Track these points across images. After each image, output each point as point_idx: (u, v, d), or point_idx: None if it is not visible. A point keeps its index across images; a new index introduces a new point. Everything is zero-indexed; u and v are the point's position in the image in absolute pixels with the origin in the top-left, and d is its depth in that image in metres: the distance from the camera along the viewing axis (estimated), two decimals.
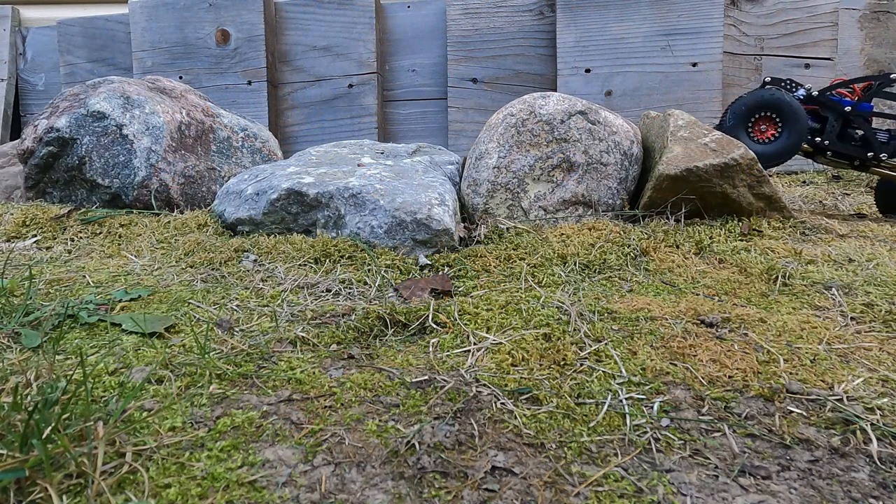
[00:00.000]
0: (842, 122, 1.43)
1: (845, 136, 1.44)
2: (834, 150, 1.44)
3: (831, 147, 1.43)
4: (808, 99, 1.45)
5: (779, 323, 0.87)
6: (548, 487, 0.55)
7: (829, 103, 1.44)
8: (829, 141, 1.43)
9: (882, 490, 0.55)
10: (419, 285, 1.05)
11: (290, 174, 1.36)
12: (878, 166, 1.44)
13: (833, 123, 1.43)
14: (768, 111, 1.40)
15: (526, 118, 1.40)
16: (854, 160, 1.44)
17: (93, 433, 0.56)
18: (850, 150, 1.43)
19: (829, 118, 1.43)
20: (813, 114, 1.47)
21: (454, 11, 2.27)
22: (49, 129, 1.55)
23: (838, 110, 1.42)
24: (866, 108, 1.43)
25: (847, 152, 1.43)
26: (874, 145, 1.41)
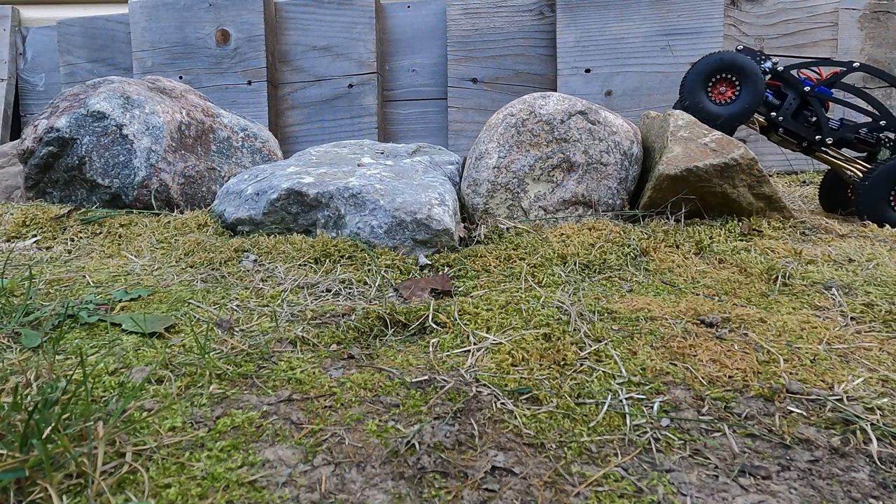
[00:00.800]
0: (799, 101, 1.45)
1: (800, 116, 1.47)
2: (786, 127, 1.46)
3: (784, 124, 1.45)
4: (774, 73, 1.47)
5: (779, 323, 0.87)
6: (548, 487, 0.55)
7: (791, 80, 1.46)
8: (783, 117, 1.45)
9: (882, 490, 0.55)
10: (419, 285, 1.05)
11: (290, 174, 1.36)
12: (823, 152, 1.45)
13: (791, 101, 1.45)
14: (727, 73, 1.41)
15: (526, 118, 1.40)
16: (802, 141, 1.46)
17: (93, 433, 0.56)
18: (801, 130, 1.45)
19: (789, 95, 1.46)
20: (775, 89, 1.49)
21: (454, 11, 2.27)
22: (49, 129, 1.55)
23: (798, 89, 1.44)
24: (825, 92, 1.45)
25: (797, 131, 1.45)
26: (823, 129, 1.43)
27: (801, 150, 1.49)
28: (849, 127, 1.45)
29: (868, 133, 1.46)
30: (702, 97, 1.42)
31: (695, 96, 1.42)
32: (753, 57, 1.47)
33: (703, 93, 1.42)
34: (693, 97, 1.42)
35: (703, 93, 1.42)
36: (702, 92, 1.42)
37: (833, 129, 1.44)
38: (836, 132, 1.44)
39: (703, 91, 1.43)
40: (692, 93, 1.43)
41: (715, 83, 1.42)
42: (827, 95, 1.45)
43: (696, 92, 1.42)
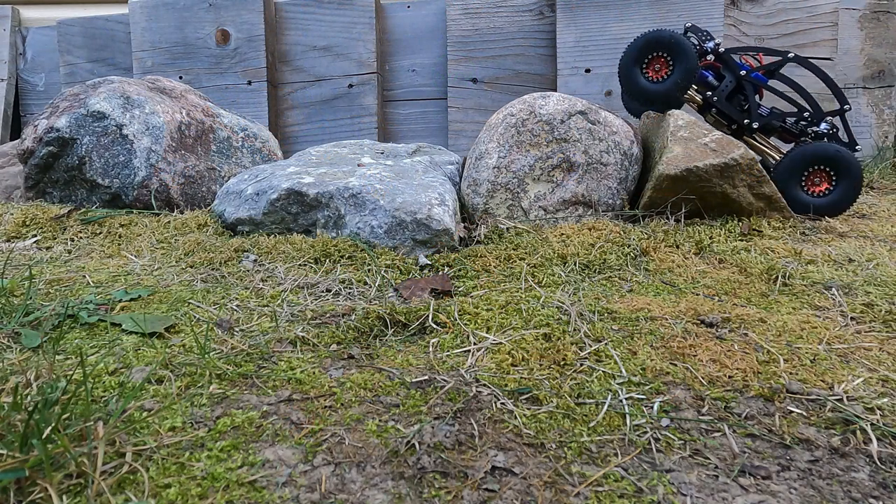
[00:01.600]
0: (735, 84, 1.48)
1: (733, 99, 1.50)
2: (719, 108, 1.49)
3: (718, 104, 1.49)
4: (716, 54, 1.49)
5: (779, 323, 0.87)
6: (548, 487, 0.55)
7: (730, 63, 1.49)
8: (717, 98, 1.48)
9: (882, 490, 0.55)
10: (419, 285, 1.05)
11: (290, 174, 1.36)
12: (751, 137, 1.49)
13: (727, 83, 1.48)
14: (661, 51, 1.42)
15: (526, 118, 1.40)
16: (732, 123, 1.49)
17: (93, 433, 0.56)
18: (732, 112, 1.48)
19: (726, 77, 1.49)
20: (715, 70, 1.52)
21: (454, 11, 2.27)
22: (49, 129, 1.55)
23: (735, 72, 1.47)
24: (760, 79, 1.48)
25: (729, 113, 1.49)
26: (752, 114, 1.47)
27: (732, 133, 1.51)
28: (777, 116, 1.49)
29: (793, 124, 1.49)
30: (636, 75, 1.44)
31: (630, 74, 1.45)
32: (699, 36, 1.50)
33: (637, 70, 1.44)
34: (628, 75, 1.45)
35: (637, 70, 1.44)
36: (637, 70, 1.44)
37: (761, 116, 1.48)
38: (763, 118, 1.47)
39: (637, 69, 1.45)
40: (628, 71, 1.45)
41: (650, 61, 1.44)
42: (761, 82, 1.48)
43: (632, 70, 1.44)
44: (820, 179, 1.38)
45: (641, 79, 1.44)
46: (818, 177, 1.38)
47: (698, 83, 1.51)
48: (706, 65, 1.51)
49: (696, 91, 1.51)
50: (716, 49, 1.48)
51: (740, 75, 1.47)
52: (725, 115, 1.50)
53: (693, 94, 1.52)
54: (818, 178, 1.38)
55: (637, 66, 1.44)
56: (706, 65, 1.51)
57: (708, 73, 1.51)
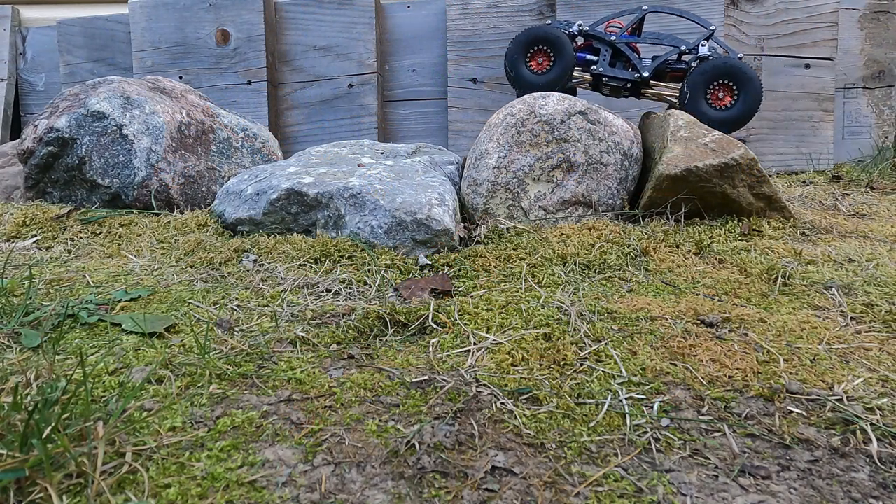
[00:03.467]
0: (611, 51, 1.59)
1: (617, 63, 1.59)
2: (607, 76, 1.58)
3: (605, 73, 1.58)
4: (583, 35, 1.60)
5: (779, 323, 0.87)
6: (548, 487, 0.55)
7: (598, 36, 1.59)
8: (602, 68, 1.58)
9: (882, 490, 0.55)
10: (419, 285, 1.05)
11: (290, 174, 1.36)
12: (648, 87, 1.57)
13: (605, 53, 1.58)
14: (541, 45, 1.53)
15: (526, 118, 1.40)
16: (626, 83, 1.57)
17: (93, 433, 0.56)
18: (622, 74, 1.57)
19: (601, 49, 1.59)
20: (588, 48, 1.62)
21: (454, 11, 2.27)
22: (49, 129, 1.55)
23: (607, 41, 1.58)
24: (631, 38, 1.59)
25: (620, 76, 1.58)
26: (639, 68, 1.56)
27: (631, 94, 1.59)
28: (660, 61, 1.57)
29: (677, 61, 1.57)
30: (522, 68, 1.55)
31: (516, 67, 1.55)
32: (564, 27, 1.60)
33: (522, 64, 1.55)
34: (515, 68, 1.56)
35: (522, 64, 1.55)
36: (521, 63, 1.55)
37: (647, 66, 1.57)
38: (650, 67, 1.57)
39: (522, 62, 1.55)
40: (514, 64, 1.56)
41: (532, 55, 1.54)
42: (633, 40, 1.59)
43: (517, 63, 1.55)
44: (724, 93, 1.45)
45: (526, 70, 1.55)
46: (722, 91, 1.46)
47: (580, 65, 1.60)
48: (579, 47, 1.61)
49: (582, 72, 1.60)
50: (581, 30, 1.59)
51: (612, 42, 1.58)
52: (617, 80, 1.59)
53: (582, 76, 1.61)
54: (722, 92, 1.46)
55: (522, 59, 1.55)
56: (579, 47, 1.61)
57: (583, 53, 1.61)
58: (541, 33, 1.53)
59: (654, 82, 1.56)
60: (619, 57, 1.58)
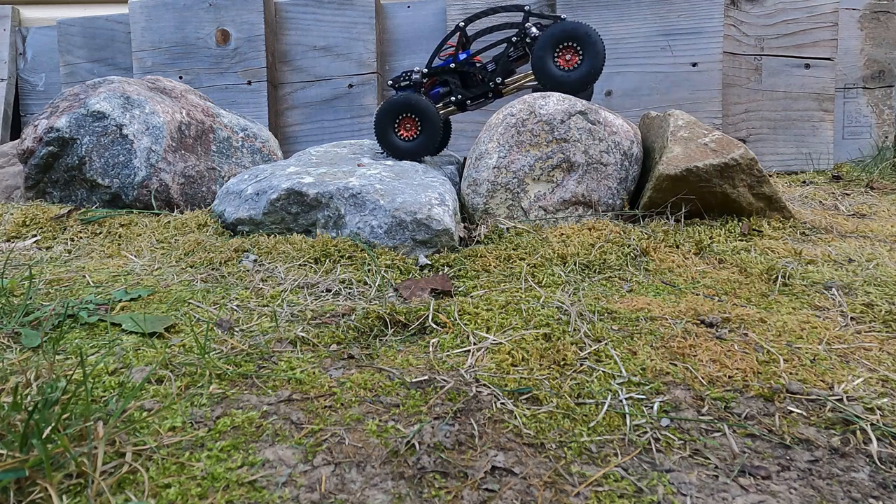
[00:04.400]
0: (458, 75, 1.60)
1: (469, 83, 1.61)
2: (469, 98, 1.60)
3: (466, 98, 1.60)
4: (426, 76, 1.61)
5: (779, 323, 0.87)
6: (548, 487, 0.55)
7: (439, 70, 1.60)
8: (461, 95, 1.60)
9: (882, 490, 0.55)
10: (419, 285, 1.05)
11: (290, 174, 1.36)
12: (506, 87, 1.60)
13: (454, 81, 1.60)
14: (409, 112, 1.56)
15: (526, 118, 1.40)
16: (488, 92, 1.60)
17: (93, 433, 0.56)
18: (479, 90, 1.60)
19: (449, 79, 1.61)
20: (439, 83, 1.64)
21: (454, 11, 2.27)
22: (49, 129, 1.55)
23: (448, 70, 1.59)
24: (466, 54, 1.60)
25: (480, 93, 1.60)
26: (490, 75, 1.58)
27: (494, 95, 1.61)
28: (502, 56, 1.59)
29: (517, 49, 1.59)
30: (391, 136, 1.58)
31: (385, 136, 1.59)
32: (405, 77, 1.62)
33: (391, 130, 1.58)
34: (384, 136, 1.59)
35: (391, 130, 1.58)
36: (391, 131, 1.58)
37: (493, 70, 1.59)
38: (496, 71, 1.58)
39: (390, 129, 1.58)
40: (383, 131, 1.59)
41: (401, 121, 1.57)
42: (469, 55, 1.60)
43: (387, 132, 1.58)
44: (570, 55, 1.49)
45: (396, 139, 1.58)
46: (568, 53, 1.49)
47: (440, 100, 1.62)
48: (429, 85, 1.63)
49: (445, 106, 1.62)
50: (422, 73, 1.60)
51: (454, 69, 1.59)
52: (478, 96, 1.61)
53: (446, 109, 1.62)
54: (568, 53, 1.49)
55: (390, 127, 1.58)
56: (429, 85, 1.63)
57: (437, 89, 1.63)
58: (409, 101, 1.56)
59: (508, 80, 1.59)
60: (467, 77, 1.60)
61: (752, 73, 2.19)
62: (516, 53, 1.58)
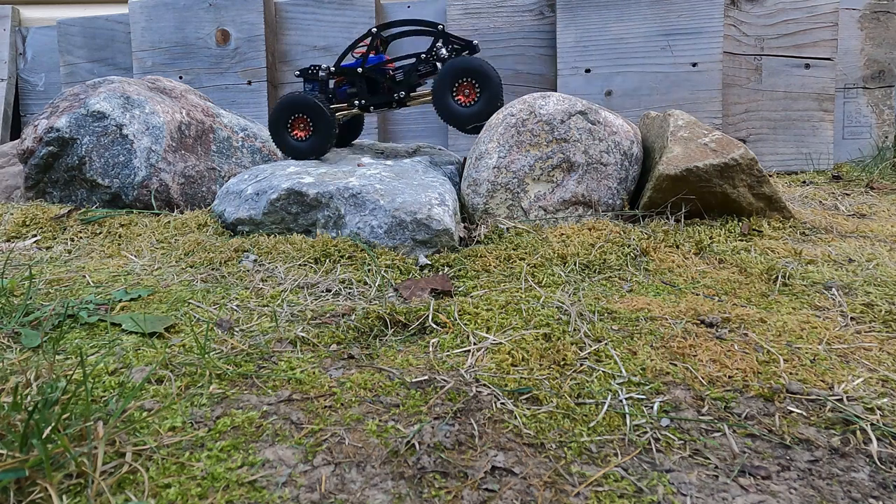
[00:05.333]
0: (364, 79, 1.58)
1: (375, 88, 1.60)
2: (372, 104, 1.59)
3: (370, 104, 1.59)
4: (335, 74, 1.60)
5: (779, 323, 0.87)
6: (548, 487, 0.55)
7: (346, 70, 1.59)
8: (364, 99, 1.59)
9: (882, 490, 0.55)
10: (419, 285, 1.05)
11: (290, 174, 1.36)
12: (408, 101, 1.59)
13: (360, 84, 1.58)
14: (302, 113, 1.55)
15: (526, 118, 1.40)
16: (392, 102, 1.59)
17: (93, 433, 0.56)
18: (382, 98, 1.59)
19: (356, 81, 1.60)
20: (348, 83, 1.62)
21: (454, 11, 2.27)
22: (49, 129, 1.55)
23: (354, 72, 1.58)
24: (374, 60, 1.59)
25: (382, 101, 1.59)
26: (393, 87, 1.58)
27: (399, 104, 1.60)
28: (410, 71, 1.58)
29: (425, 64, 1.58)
30: (285, 135, 1.57)
31: (279, 135, 1.58)
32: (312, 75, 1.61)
33: (284, 131, 1.57)
34: (277, 136, 1.58)
35: (284, 131, 1.57)
36: (285, 131, 1.57)
37: (400, 81, 1.58)
38: (404, 82, 1.58)
39: (284, 129, 1.57)
40: (277, 132, 1.58)
41: (294, 122, 1.56)
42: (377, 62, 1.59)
43: (280, 132, 1.57)
44: (469, 91, 1.49)
45: (290, 139, 1.57)
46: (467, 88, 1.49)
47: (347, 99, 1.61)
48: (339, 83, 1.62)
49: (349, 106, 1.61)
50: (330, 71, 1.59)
51: (359, 72, 1.58)
52: (382, 103, 1.60)
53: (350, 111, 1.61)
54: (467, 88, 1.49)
55: (284, 128, 1.57)
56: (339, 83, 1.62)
57: (346, 87, 1.61)
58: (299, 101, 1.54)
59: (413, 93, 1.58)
60: (374, 82, 1.58)
61: (752, 73, 2.19)
62: (425, 69, 1.57)
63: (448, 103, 1.48)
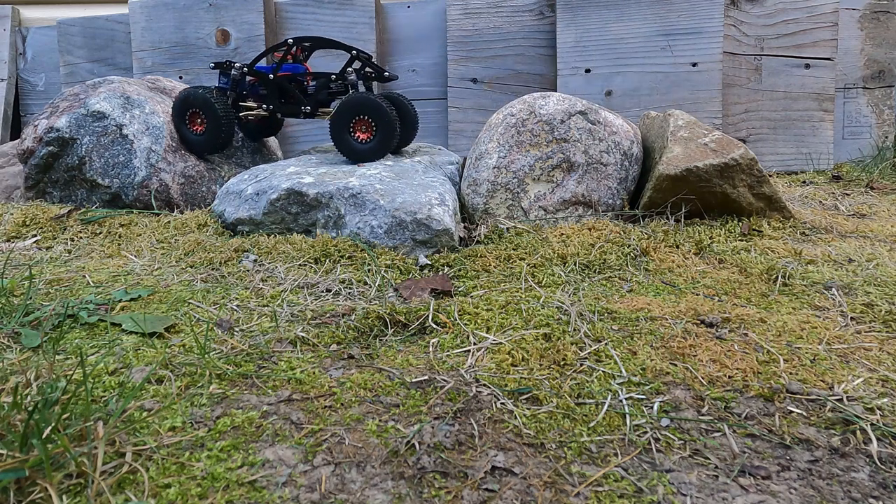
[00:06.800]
0: (276, 85, 1.57)
1: (286, 96, 1.59)
2: (279, 111, 1.59)
3: (277, 110, 1.59)
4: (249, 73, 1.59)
5: (779, 323, 0.87)
6: (548, 487, 0.55)
7: (258, 73, 1.58)
8: (273, 105, 1.58)
9: (882, 490, 0.55)
10: (419, 285, 1.05)
11: (290, 174, 1.36)
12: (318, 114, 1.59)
13: (271, 89, 1.58)
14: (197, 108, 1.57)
15: (526, 118, 1.40)
16: (298, 114, 1.59)
17: (93, 433, 0.56)
18: (291, 108, 1.58)
19: (267, 85, 1.58)
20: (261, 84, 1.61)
21: (454, 11, 2.27)
22: (49, 129, 1.55)
23: (266, 78, 1.57)
24: (288, 69, 1.58)
25: (289, 111, 1.59)
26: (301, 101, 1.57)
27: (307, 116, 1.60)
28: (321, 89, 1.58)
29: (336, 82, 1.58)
30: (183, 128, 1.60)
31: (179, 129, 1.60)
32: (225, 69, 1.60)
33: (183, 125, 1.59)
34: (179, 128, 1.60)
35: (183, 125, 1.59)
36: (182, 124, 1.59)
37: (311, 94, 1.58)
38: (314, 96, 1.58)
39: (182, 123, 1.59)
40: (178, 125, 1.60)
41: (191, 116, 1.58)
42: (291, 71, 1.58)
43: (178, 124, 1.60)
44: (366, 128, 1.49)
45: (187, 132, 1.59)
46: (364, 125, 1.49)
47: (259, 100, 1.61)
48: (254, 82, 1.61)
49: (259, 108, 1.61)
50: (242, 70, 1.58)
51: (270, 79, 1.56)
52: (289, 112, 1.60)
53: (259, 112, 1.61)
54: (364, 125, 1.49)
55: (182, 122, 1.59)
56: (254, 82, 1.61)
57: (259, 88, 1.61)
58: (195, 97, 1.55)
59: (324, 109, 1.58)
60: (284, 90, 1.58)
61: (752, 73, 2.19)
62: (336, 88, 1.58)
63: (345, 139, 1.49)
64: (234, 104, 1.60)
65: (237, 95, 1.59)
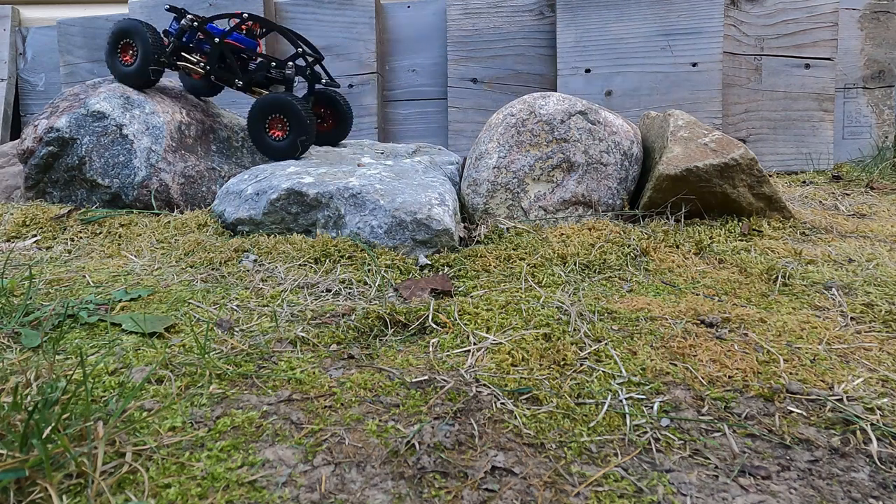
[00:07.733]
0: (218, 49, 1.57)
1: (224, 63, 1.60)
2: (213, 74, 1.59)
3: (211, 72, 1.59)
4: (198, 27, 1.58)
5: (779, 323, 0.87)
6: (548, 487, 0.55)
7: (207, 32, 1.58)
8: (210, 66, 1.58)
9: (882, 490, 0.55)
10: (419, 285, 1.05)
11: (290, 174, 1.36)
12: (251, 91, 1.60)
13: (213, 51, 1.57)
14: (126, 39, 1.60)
15: (526, 118, 1.40)
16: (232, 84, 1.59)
17: (93, 433, 0.56)
18: (225, 74, 1.59)
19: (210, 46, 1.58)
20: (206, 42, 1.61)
21: (454, 11, 2.27)
22: (49, 129, 1.55)
23: (211, 38, 1.57)
24: (237, 38, 1.58)
25: (223, 77, 1.59)
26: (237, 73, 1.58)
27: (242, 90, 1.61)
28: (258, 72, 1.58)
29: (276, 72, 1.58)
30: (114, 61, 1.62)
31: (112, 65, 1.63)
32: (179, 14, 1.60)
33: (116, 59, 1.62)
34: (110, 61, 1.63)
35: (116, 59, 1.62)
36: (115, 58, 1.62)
37: (250, 71, 1.59)
38: (248, 74, 1.58)
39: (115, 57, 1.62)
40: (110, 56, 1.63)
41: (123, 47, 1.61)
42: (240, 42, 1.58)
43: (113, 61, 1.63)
44: (281, 125, 1.52)
45: (119, 64, 1.61)
46: (278, 123, 1.52)
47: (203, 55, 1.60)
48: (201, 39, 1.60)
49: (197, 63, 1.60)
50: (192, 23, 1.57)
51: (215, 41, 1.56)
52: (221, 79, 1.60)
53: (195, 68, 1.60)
54: (279, 124, 1.52)
55: (114, 54, 1.61)
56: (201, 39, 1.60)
57: (206, 45, 1.60)
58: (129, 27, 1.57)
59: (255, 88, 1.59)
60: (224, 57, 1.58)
61: (752, 73, 2.19)
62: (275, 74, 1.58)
63: (262, 137, 1.53)
64: (176, 52, 1.60)
65: (180, 44, 1.59)
